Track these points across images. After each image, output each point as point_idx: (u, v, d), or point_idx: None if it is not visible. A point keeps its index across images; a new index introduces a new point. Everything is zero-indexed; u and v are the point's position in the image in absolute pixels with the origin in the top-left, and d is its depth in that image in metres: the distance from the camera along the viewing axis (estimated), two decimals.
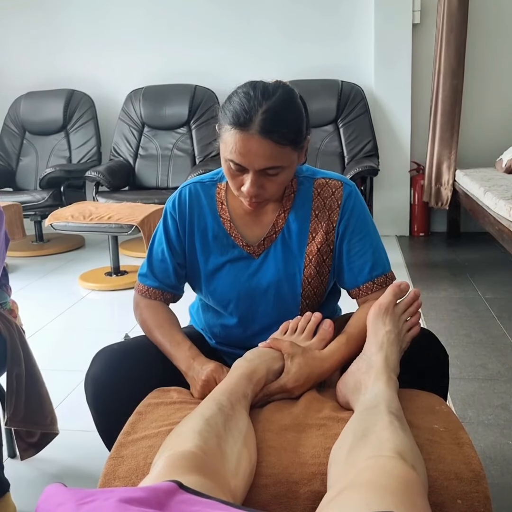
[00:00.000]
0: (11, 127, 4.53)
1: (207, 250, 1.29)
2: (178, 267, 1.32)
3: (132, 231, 3.13)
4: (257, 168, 1.11)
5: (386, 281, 1.27)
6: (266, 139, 1.08)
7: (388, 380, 1.05)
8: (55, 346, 2.60)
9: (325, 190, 1.27)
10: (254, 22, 4.34)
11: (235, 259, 1.28)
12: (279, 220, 1.27)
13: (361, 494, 0.74)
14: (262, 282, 1.27)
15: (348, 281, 1.29)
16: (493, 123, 4.25)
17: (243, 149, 1.09)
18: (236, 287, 1.28)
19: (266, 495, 0.91)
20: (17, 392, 1.46)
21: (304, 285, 1.27)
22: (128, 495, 0.66)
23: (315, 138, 4.10)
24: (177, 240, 1.31)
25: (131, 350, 1.26)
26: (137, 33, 4.47)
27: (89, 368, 1.23)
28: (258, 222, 1.28)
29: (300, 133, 1.14)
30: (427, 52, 4.18)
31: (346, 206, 1.26)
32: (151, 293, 1.33)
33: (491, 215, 3.01)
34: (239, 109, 1.09)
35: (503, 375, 2.20)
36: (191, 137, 4.33)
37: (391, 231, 4.39)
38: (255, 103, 1.09)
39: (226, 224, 1.28)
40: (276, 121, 1.09)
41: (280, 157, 1.11)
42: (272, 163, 1.11)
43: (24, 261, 4.02)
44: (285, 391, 1.14)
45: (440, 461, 0.93)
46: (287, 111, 1.11)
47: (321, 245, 1.26)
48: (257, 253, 1.28)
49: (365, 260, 1.26)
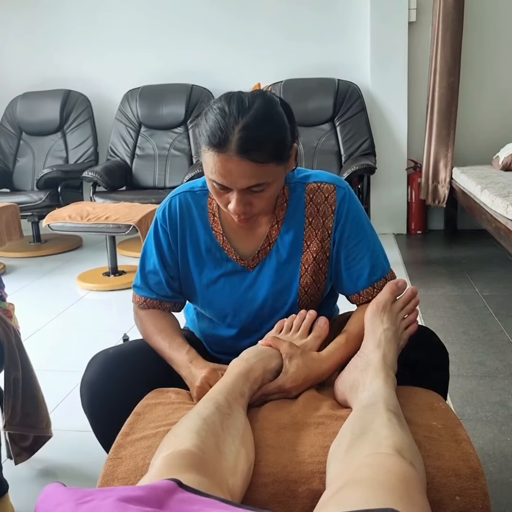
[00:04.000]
0: (7, 128, 4.52)
1: (200, 263, 1.26)
2: (170, 280, 1.29)
3: (129, 231, 3.13)
4: (239, 188, 1.07)
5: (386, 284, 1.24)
6: (245, 160, 1.03)
7: (386, 378, 1.05)
8: (54, 347, 2.60)
9: (317, 195, 1.22)
10: (250, 21, 4.33)
11: (229, 272, 1.25)
12: (272, 232, 1.24)
13: (359, 491, 0.75)
14: (258, 295, 1.25)
15: (347, 287, 1.27)
16: (489, 121, 4.25)
17: (223, 171, 1.05)
18: (232, 300, 1.26)
19: (265, 494, 0.91)
20: (14, 395, 1.46)
21: (301, 295, 1.25)
22: (127, 494, 0.66)
23: (312, 136, 4.10)
24: (169, 253, 1.27)
25: (127, 355, 1.25)
26: (134, 33, 4.46)
27: (85, 373, 1.22)
28: (251, 234, 1.25)
29: (283, 146, 1.08)
30: (423, 50, 4.18)
31: (340, 211, 1.22)
32: (149, 303, 1.31)
33: (488, 212, 3.01)
34: (214, 129, 1.04)
35: (501, 372, 2.20)
36: (188, 137, 4.33)
37: (389, 229, 4.40)
38: (231, 120, 1.03)
39: (219, 237, 1.25)
40: (254, 139, 1.03)
41: (263, 175, 1.07)
42: (255, 181, 1.07)
43: (21, 262, 4.02)
44: (283, 391, 1.13)
45: (438, 458, 0.93)
46: (266, 126, 1.05)
47: (316, 253, 1.23)
48: (252, 266, 1.25)
49: (363, 265, 1.23)
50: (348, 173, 3.66)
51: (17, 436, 1.55)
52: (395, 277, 1.27)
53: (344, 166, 3.96)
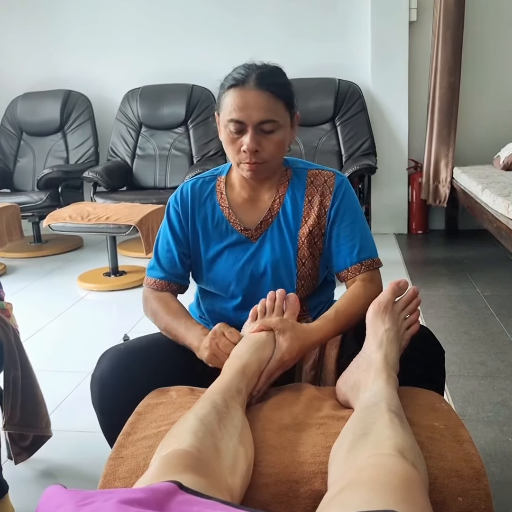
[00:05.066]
0: (8, 128, 4.52)
1: (207, 238, 1.36)
2: (183, 256, 1.38)
3: (130, 231, 3.13)
4: (254, 120, 1.21)
5: (373, 264, 1.34)
6: (262, 90, 1.20)
7: (388, 378, 1.05)
8: (54, 347, 2.60)
9: (317, 178, 1.35)
10: (251, 21, 4.33)
11: (233, 243, 1.35)
12: (274, 205, 1.35)
13: (361, 492, 0.74)
14: (260, 264, 1.34)
15: (337, 263, 1.35)
16: (490, 120, 4.25)
17: (242, 103, 1.20)
18: (235, 269, 1.35)
19: (267, 495, 0.91)
20: (14, 395, 1.46)
21: (299, 266, 1.34)
22: (128, 496, 0.66)
23: (312, 136, 4.10)
24: (181, 231, 1.37)
25: (138, 351, 1.27)
26: (134, 33, 4.46)
27: (95, 369, 1.23)
28: (255, 207, 1.36)
29: (292, 96, 1.26)
30: (424, 49, 4.18)
31: (337, 193, 1.33)
32: (158, 284, 1.38)
33: (489, 212, 3.01)
34: (236, 73, 1.23)
35: (503, 372, 2.20)
36: (189, 137, 4.32)
37: (389, 229, 4.39)
38: (250, 69, 1.23)
39: (225, 211, 1.36)
40: (271, 76, 1.23)
41: (275, 111, 1.22)
42: (268, 115, 1.21)
43: (22, 262, 4.02)
44: (282, 364, 1.16)
45: (440, 459, 0.93)
46: (279, 75, 1.26)
47: (312, 227, 1.33)
48: (255, 236, 1.35)
49: (354, 243, 1.33)
50: (349, 173, 3.66)
51: (17, 435, 1.55)
52: (382, 264, 1.36)
53: (345, 166, 3.96)
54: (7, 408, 1.45)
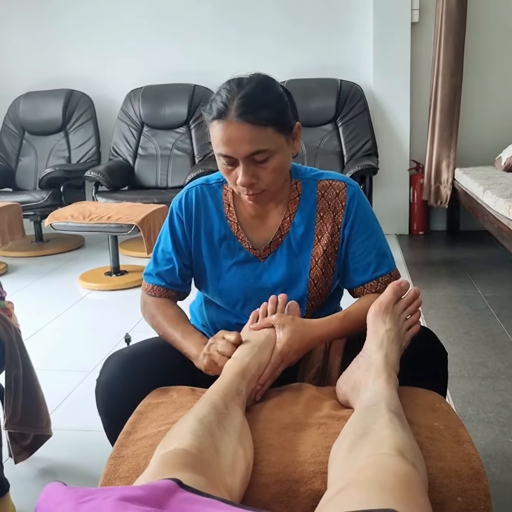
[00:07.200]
0: (10, 127, 4.53)
1: (213, 252, 1.31)
2: (183, 267, 1.33)
3: (131, 230, 3.13)
4: (242, 154, 1.12)
5: (390, 280, 1.28)
6: (243, 122, 1.10)
7: (388, 378, 1.05)
8: (55, 346, 2.60)
9: (329, 192, 1.28)
10: (253, 21, 4.33)
11: (241, 261, 1.30)
12: (285, 224, 1.28)
13: (361, 492, 0.74)
14: (268, 284, 1.29)
15: (353, 281, 1.31)
16: (492, 122, 4.24)
17: (225, 137, 1.12)
18: (243, 288, 1.30)
19: (267, 494, 0.91)
20: (15, 394, 1.46)
21: (310, 287, 1.29)
22: (127, 494, 0.66)
23: (314, 137, 4.10)
24: (184, 241, 1.32)
25: (143, 355, 1.26)
26: (136, 33, 4.46)
27: (101, 373, 1.23)
28: (264, 225, 1.30)
29: (282, 113, 1.15)
30: (426, 51, 4.18)
31: (350, 207, 1.27)
32: (156, 291, 1.35)
33: (490, 213, 3.01)
34: (217, 104, 1.13)
35: (503, 373, 2.20)
36: (191, 137, 4.33)
37: (391, 230, 4.39)
38: (231, 94, 1.12)
39: (233, 226, 1.30)
40: (251, 103, 1.11)
41: (263, 140, 1.12)
42: (255, 147, 1.11)
43: (23, 262, 4.02)
44: (284, 357, 1.16)
45: (440, 459, 0.93)
46: (263, 94, 1.13)
47: (326, 247, 1.28)
48: (263, 256, 1.30)
49: (370, 260, 1.28)
50: (351, 174, 3.65)
51: (18, 435, 1.55)
52: (400, 276, 1.31)
53: (347, 167, 3.96)
54: (8, 407, 1.45)
